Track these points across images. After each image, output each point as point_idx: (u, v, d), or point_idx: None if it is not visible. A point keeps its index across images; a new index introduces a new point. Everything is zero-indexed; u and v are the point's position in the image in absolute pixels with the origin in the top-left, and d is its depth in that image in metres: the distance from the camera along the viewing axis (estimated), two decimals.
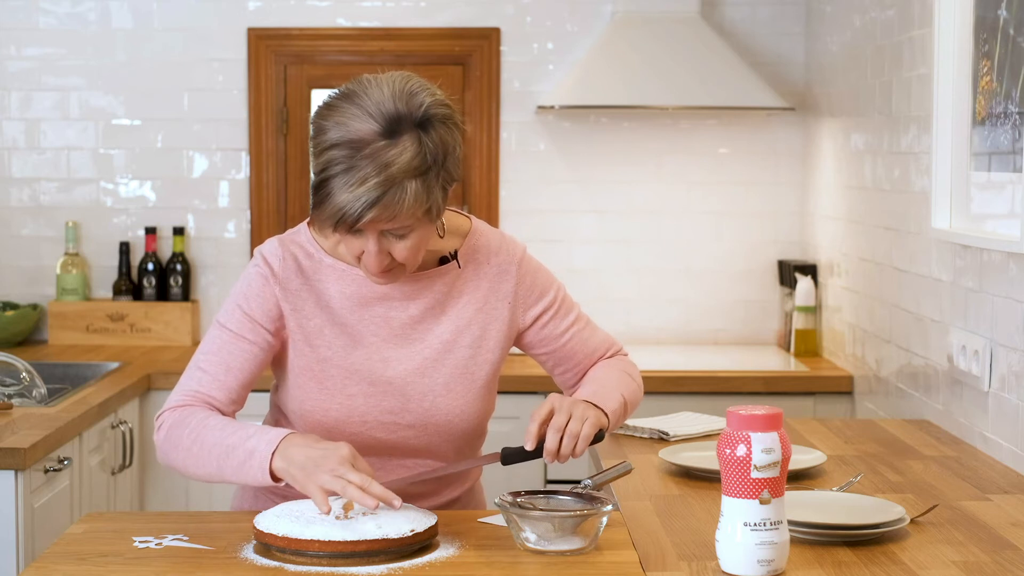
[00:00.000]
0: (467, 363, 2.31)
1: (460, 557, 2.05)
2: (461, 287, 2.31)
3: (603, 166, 4.77)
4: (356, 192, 2.05)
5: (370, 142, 2.07)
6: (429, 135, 2.11)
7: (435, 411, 2.29)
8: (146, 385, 4.09)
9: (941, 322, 3.24)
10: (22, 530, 3.08)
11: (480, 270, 2.33)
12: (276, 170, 4.75)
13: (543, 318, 2.37)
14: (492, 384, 2.36)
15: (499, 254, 2.35)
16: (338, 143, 2.08)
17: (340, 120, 2.10)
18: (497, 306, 2.33)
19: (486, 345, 2.32)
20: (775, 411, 1.94)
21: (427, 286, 2.29)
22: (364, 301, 2.27)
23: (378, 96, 2.11)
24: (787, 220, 4.78)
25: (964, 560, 2.09)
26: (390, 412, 2.27)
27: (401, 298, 2.28)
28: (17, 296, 4.74)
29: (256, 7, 4.73)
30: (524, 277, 2.36)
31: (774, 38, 4.75)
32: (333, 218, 2.08)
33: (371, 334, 2.28)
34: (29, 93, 4.73)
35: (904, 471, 2.72)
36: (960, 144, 3.12)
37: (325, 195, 2.08)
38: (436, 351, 2.29)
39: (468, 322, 2.31)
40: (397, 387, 2.27)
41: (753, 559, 1.94)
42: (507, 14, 4.74)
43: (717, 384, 4.12)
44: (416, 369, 2.28)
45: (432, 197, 2.11)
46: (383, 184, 2.05)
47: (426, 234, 2.17)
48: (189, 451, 2.19)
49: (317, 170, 2.10)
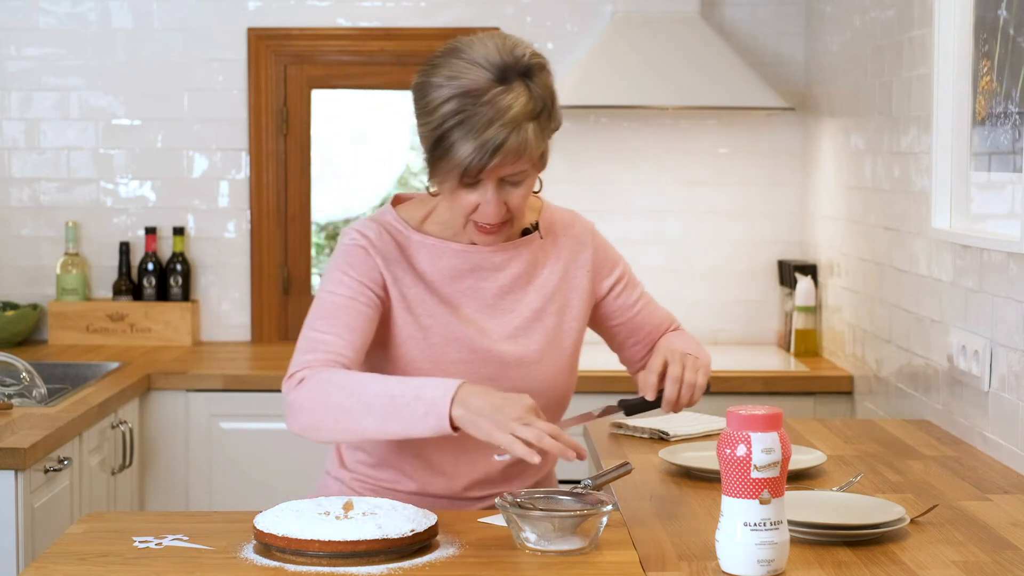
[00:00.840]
0: (555, 331, 2.36)
1: (460, 557, 2.05)
2: (543, 258, 2.38)
3: (603, 166, 4.77)
4: (482, 138, 2.12)
5: (487, 89, 2.14)
6: (535, 82, 2.19)
7: (531, 379, 2.32)
8: (146, 385, 4.09)
9: (941, 322, 3.24)
10: (22, 530, 3.08)
11: (558, 241, 2.40)
12: (276, 170, 4.75)
13: (616, 288, 2.45)
14: (577, 355, 2.41)
15: (574, 226, 2.43)
16: (453, 95, 2.15)
17: (450, 74, 2.17)
18: (577, 275, 2.40)
19: (570, 314, 2.38)
20: (775, 411, 1.94)
21: (513, 256, 2.35)
22: (456, 273, 2.32)
23: (483, 50, 2.18)
24: (787, 220, 4.78)
25: (964, 560, 2.09)
26: (490, 379, 2.28)
27: (490, 268, 2.34)
28: (17, 296, 4.74)
29: (256, 7, 4.73)
30: (599, 248, 2.44)
31: (774, 38, 4.75)
32: (459, 168, 2.15)
33: (465, 305, 2.32)
34: (29, 93, 4.73)
35: (904, 471, 2.72)
36: (960, 144, 3.12)
37: (447, 148, 2.15)
38: (527, 319, 2.34)
39: (553, 291, 2.37)
40: (495, 355, 2.31)
41: (753, 559, 1.94)
42: (507, 14, 4.74)
43: (717, 384, 4.09)
44: (510, 337, 2.33)
45: (545, 141, 2.22)
46: (507, 127, 2.13)
47: (533, 183, 2.25)
48: (341, 406, 2.15)
49: (433, 127, 2.16)
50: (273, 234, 4.76)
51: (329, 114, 4.83)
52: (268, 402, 4.13)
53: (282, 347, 4.67)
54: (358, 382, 2.16)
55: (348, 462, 2.44)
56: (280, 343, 4.75)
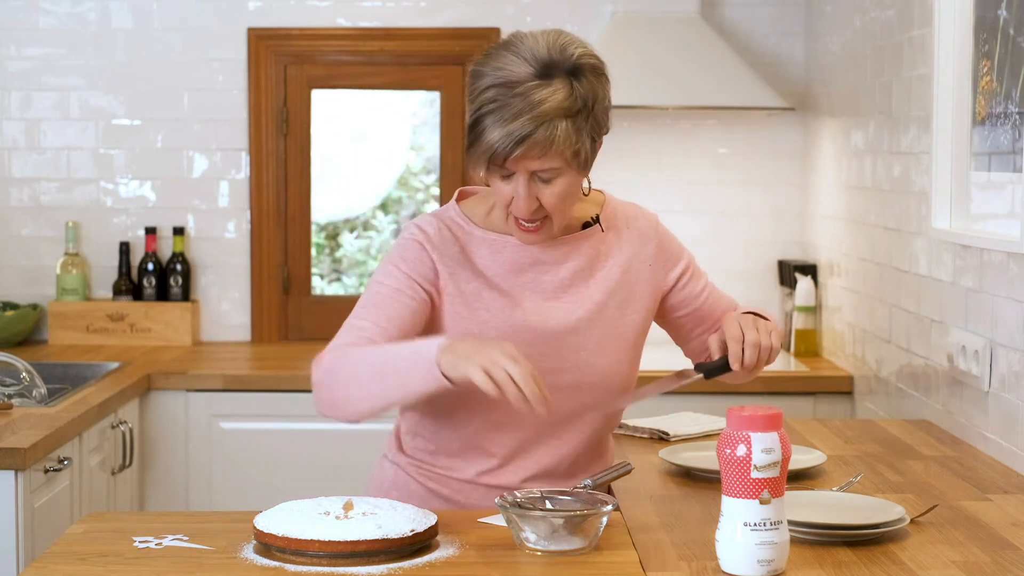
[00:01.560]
0: (616, 323, 2.36)
1: (460, 557, 2.05)
2: (606, 251, 2.39)
3: (603, 166, 4.75)
4: (508, 127, 2.15)
5: (523, 82, 2.17)
6: (580, 82, 2.21)
7: (589, 370, 2.33)
8: (146, 385, 4.09)
9: (941, 322, 3.24)
10: (22, 530, 3.08)
11: (621, 235, 2.41)
12: (276, 170, 4.75)
13: (683, 279, 2.47)
14: (639, 347, 2.41)
15: (637, 219, 2.45)
16: (493, 84, 2.18)
17: (497, 64, 2.19)
18: (641, 268, 2.41)
19: (633, 307, 2.39)
20: (775, 411, 1.94)
21: (574, 249, 2.36)
22: (516, 267, 2.34)
23: (533, 44, 2.20)
24: (787, 220, 4.78)
25: (964, 560, 2.09)
26: (547, 371, 2.27)
27: (551, 262, 2.35)
28: (17, 296, 4.74)
29: (256, 7, 4.73)
30: (663, 241, 2.46)
31: (774, 38, 4.75)
32: (486, 154, 2.18)
33: (525, 299, 2.33)
34: (29, 93, 4.73)
35: (904, 471, 2.72)
36: (960, 144, 3.12)
37: (479, 133, 2.19)
38: (588, 311, 2.34)
39: (616, 284, 2.37)
40: (553, 347, 2.32)
41: (753, 559, 1.94)
42: (507, 14, 4.74)
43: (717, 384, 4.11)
44: (570, 329, 2.33)
45: (581, 141, 2.20)
46: (534, 120, 2.15)
47: (573, 183, 2.25)
48: (352, 374, 2.19)
49: (472, 111, 2.20)
50: (273, 234, 4.76)
51: (329, 114, 4.83)
52: (268, 402, 4.13)
53: (282, 347, 4.67)
54: (369, 350, 2.20)
55: (407, 447, 2.44)
56: (280, 343, 4.75)
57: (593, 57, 2.25)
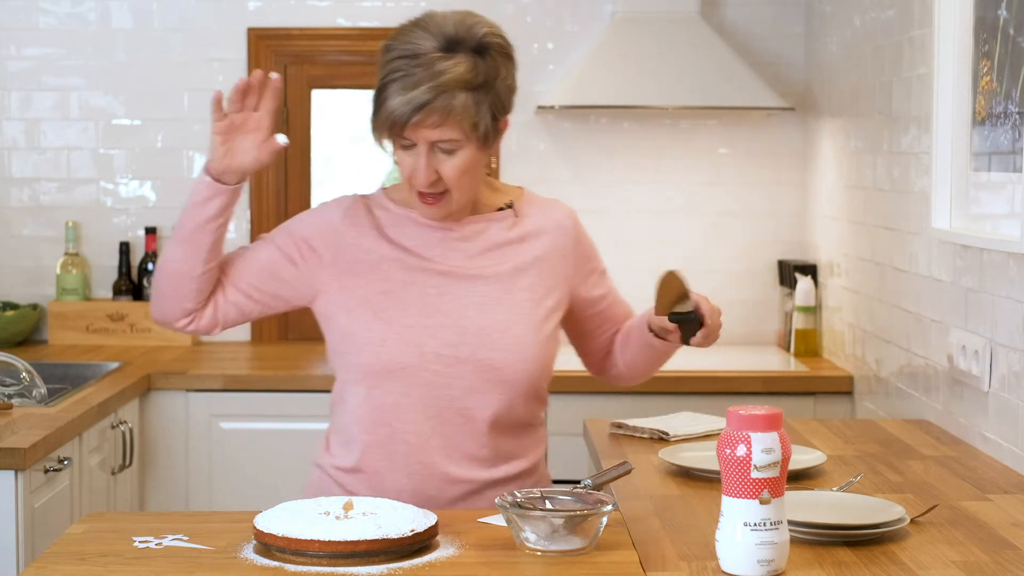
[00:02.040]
0: (524, 304, 2.36)
1: (460, 557, 2.05)
2: (521, 235, 2.40)
3: (603, 166, 4.77)
4: (408, 95, 2.21)
5: (427, 54, 2.23)
6: (484, 59, 2.27)
7: (492, 347, 2.32)
8: (146, 385, 4.09)
9: (941, 322, 3.24)
10: (22, 530, 3.08)
11: (539, 223, 2.43)
12: (276, 170, 4.75)
13: (594, 277, 2.49)
14: (551, 337, 2.40)
15: (556, 211, 2.47)
16: (400, 56, 2.25)
17: (406, 39, 2.27)
18: (556, 259, 2.42)
19: (542, 292, 2.39)
20: (775, 411, 1.94)
21: (486, 228, 2.39)
22: (425, 240, 2.37)
23: (441, 21, 2.28)
24: (787, 220, 4.78)
25: (964, 560, 2.09)
26: (448, 344, 2.31)
27: (460, 239, 2.37)
28: (17, 296, 4.74)
29: (256, 7, 4.73)
30: (580, 236, 2.48)
31: (774, 38, 4.75)
32: (387, 121, 2.24)
33: (430, 269, 2.35)
34: (29, 93, 4.73)
35: (904, 471, 2.72)
36: (960, 144, 3.12)
37: (381, 101, 2.26)
38: (495, 290, 2.35)
39: (527, 268, 2.38)
40: (454, 320, 2.33)
41: (753, 559, 1.94)
42: (507, 14, 4.74)
43: (717, 384, 4.12)
44: (475, 304, 2.34)
45: (481, 114, 2.26)
46: (434, 89, 2.21)
47: (474, 159, 2.29)
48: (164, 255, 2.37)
49: (378, 82, 2.27)
50: None
51: (329, 114, 4.83)
52: (268, 402, 4.13)
53: (282, 347, 4.67)
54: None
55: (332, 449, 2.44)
56: (280, 343, 4.75)
57: (500, 38, 2.31)
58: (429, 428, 2.33)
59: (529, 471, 2.43)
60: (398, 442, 2.34)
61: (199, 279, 2.34)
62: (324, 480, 2.42)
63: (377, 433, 2.35)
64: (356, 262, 2.36)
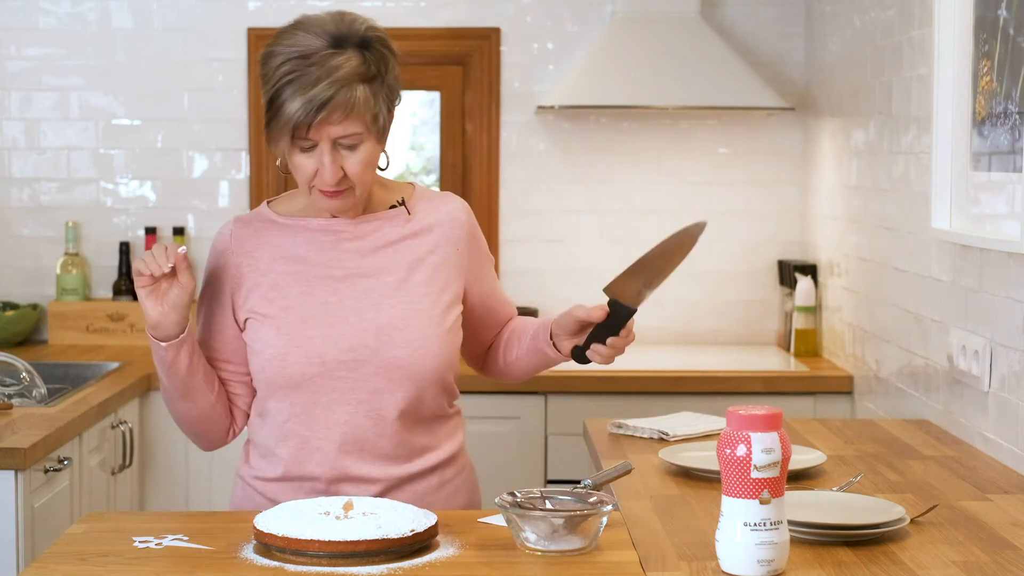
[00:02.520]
0: (422, 300, 2.37)
1: (460, 557, 2.05)
2: (413, 230, 2.41)
3: (603, 166, 4.77)
4: (309, 94, 2.20)
5: (318, 51, 2.23)
6: (371, 52, 2.27)
7: (394, 344, 2.33)
8: (146, 385, 4.09)
9: (941, 322, 3.24)
10: (22, 530, 3.08)
11: (432, 218, 2.43)
12: (276, 170, 4.74)
13: (484, 269, 2.50)
14: (452, 329, 2.40)
15: (448, 203, 2.47)
16: (288, 58, 2.23)
17: (289, 42, 2.26)
18: (448, 251, 2.43)
19: (439, 285, 2.40)
20: (775, 411, 1.94)
21: (377, 227, 2.40)
22: (318, 246, 2.38)
23: (320, 22, 2.28)
24: (787, 220, 4.78)
25: (964, 560, 2.09)
26: (349, 349, 2.33)
27: (352, 239, 2.38)
28: (17, 296, 4.74)
29: (256, 7, 4.73)
30: (473, 230, 2.48)
31: (774, 38, 4.75)
32: (289, 124, 2.23)
33: (326, 275, 2.36)
34: (29, 93, 4.73)
35: (904, 471, 2.72)
36: (960, 144, 3.12)
37: (279, 107, 2.23)
38: (390, 287, 2.36)
39: (420, 262, 2.39)
40: (354, 323, 2.34)
41: (753, 559, 1.94)
42: (507, 14, 4.74)
43: (717, 384, 4.12)
44: (372, 305, 2.35)
45: (379, 106, 2.27)
46: (333, 84, 2.21)
47: (374, 152, 2.30)
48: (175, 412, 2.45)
49: (268, 89, 2.25)
50: None
51: None
52: None
53: None
54: None
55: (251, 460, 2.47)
56: None
57: (379, 31, 2.31)
58: (340, 434, 2.34)
59: (447, 461, 2.44)
60: (311, 450, 2.35)
61: (215, 405, 2.41)
62: (247, 491, 2.45)
63: (289, 444, 2.36)
64: (255, 286, 2.37)
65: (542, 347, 2.45)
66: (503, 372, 2.60)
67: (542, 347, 2.45)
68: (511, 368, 2.57)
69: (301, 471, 2.36)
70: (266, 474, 2.40)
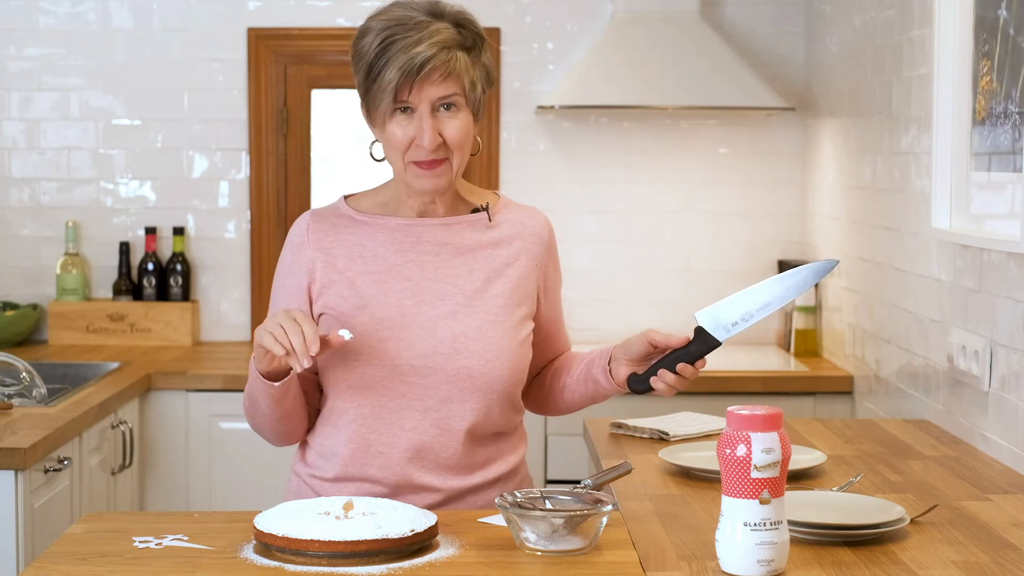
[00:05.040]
0: (498, 311, 2.33)
1: (460, 557, 2.05)
2: (494, 239, 2.37)
3: (603, 166, 4.77)
4: (411, 53, 2.20)
5: (416, 19, 2.24)
6: (465, 29, 2.28)
7: (468, 354, 2.30)
8: (146, 385, 4.09)
9: (941, 322, 3.24)
10: (22, 530, 3.08)
11: (513, 229, 2.40)
12: (276, 170, 4.75)
13: (555, 293, 2.46)
14: (525, 343, 2.37)
15: (532, 218, 2.43)
16: (386, 27, 2.23)
17: (383, 17, 2.25)
18: (528, 266, 2.39)
19: (516, 299, 2.36)
20: (775, 411, 1.94)
21: (459, 232, 2.36)
22: (398, 246, 2.34)
23: (410, 2, 2.28)
24: (787, 220, 4.78)
25: (964, 560, 2.09)
26: (421, 355, 2.29)
27: (434, 243, 2.34)
28: (17, 296, 4.74)
29: (256, 7, 4.73)
30: (552, 248, 2.45)
31: (774, 38, 4.75)
32: (391, 85, 2.21)
33: (404, 278, 2.32)
34: (29, 93, 4.73)
35: (904, 471, 2.72)
36: (960, 144, 3.12)
37: (378, 72, 2.22)
38: (467, 296, 2.33)
39: (499, 273, 2.35)
40: (428, 330, 2.30)
41: (753, 559, 1.94)
42: (507, 14, 4.74)
43: (717, 384, 4.12)
44: (449, 313, 2.31)
45: (476, 75, 2.27)
46: (435, 45, 2.21)
47: (469, 124, 2.27)
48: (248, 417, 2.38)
49: (366, 61, 2.24)
50: (273, 234, 4.76)
51: (329, 114, 4.83)
52: None
53: None
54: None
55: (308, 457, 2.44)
56: None
57: (471, 16, 2.31)
58: (405, 440, 2.31)
59: (508, 474, 2.41)
60: (374, 454, 2.33)
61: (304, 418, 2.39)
62: (302, 488, 2.42)
63: (351, 445, 2.34)
64: (330, 283, 2.34)
65: (596, 375, 2.37)
66: (544, 402, 2.53)
67: (596, 375, 2.37)
68: (553, 397, 2.50)
69: (361, 473, 2.33)
70: (324, 473, 2.37)
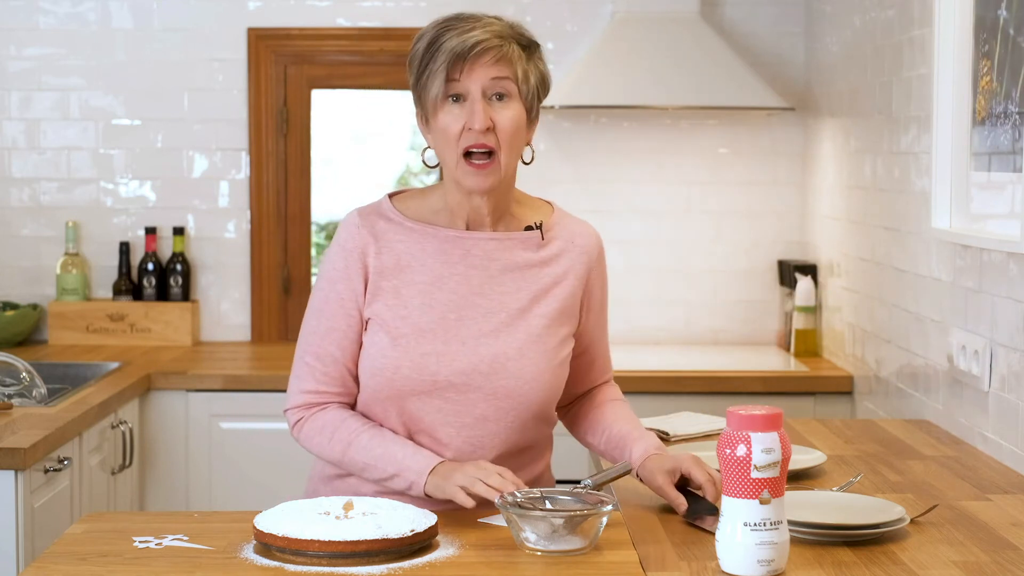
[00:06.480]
0: (541, 332, 2.32)
1: (460, 557, 2.05)
2: (543, 258, 2.35)
3: (603, 166, 4.77)
4: (464, 36, 2.21)
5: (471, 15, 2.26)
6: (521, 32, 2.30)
7: (506, 375, 2.29)
8: (146, 385, 4.09)
9: (941, 322, 3.24)
10: (22, 530, 3.08)
11: (563, 247, 2.37)
12: (276, 170, 4.75)
13: (598, 313, 2.43)
14: (564, 363, 2.36)
15: (583, 236, 2.40)
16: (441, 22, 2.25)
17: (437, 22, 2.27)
18: (574, 284, 2.37)
19: (559, 319, 2.34)
20: (775, 411, 1.94)
21: (509, 248, 2.33)
22: (446, 258, 2.31)
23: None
24: (787, 220, 4.78)
25: (964, 560, 2.09)
26: (461, 372, 2.28)
27: (482, 257, 2.32)
28: (17, 296, 4.74)
29: (256, 7, 4.73)
30: (600, 265, 2.42)
31: (774, 38, 4.75)
32: (444, 64, 2.20)
33: (450, 291, 2.30)
34: (29, 93, 4.73)
35: (904, 471, 2.72)
36: (960, 144, 3.12)
37: (434, 52, 2.22)
38: (512, 315, 2.31)
39: (545, 292, 2.33)
40: (470, 347, 2.29)
41: (753, 559, 1.94)
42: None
43: (717, 384, 4.12)
44: (491, 331, 2.30)
45: (529, 70, 2.27)
46: (488, 31, 2.23)
47: (521, 119, 2.26)
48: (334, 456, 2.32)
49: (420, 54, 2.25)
50: (273, 234, 4.76)
51: (329, 114, 4.83)
52: (268, 402, 4.13)
53: (282, 347, 4.67)
54: (348, 447, 2.29)
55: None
56: (280, 343, 4.75)
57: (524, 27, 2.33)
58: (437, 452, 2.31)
59: (531, 483, 2.40)
60: None
61: None
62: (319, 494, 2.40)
63: None
64: (377, 290, 2.30)
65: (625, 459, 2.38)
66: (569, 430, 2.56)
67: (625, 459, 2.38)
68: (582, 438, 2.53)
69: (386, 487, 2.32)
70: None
